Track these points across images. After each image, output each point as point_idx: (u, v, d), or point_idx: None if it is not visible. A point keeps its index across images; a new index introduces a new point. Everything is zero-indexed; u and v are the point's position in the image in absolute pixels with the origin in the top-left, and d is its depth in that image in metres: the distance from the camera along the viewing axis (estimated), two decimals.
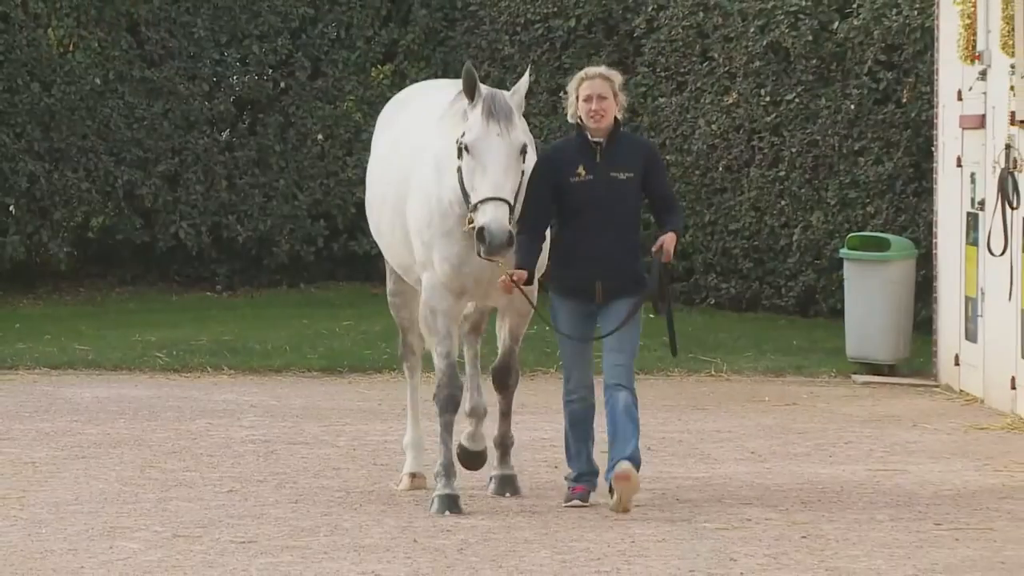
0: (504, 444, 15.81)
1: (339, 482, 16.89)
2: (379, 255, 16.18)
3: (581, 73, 15.17)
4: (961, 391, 22.33)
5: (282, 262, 29.68)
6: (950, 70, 23.18)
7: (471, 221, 14.47)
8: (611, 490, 15.03)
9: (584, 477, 15.30)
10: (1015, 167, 20.30)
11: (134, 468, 17.41)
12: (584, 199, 14.96)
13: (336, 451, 18.48)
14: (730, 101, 27.33)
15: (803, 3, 26.90)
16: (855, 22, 26.74)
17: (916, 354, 23.76)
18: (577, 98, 15.01)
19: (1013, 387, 20.51)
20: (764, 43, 27.15)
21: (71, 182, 28.39)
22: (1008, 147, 20.46)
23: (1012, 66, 20.14)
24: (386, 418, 19.82)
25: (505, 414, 15.79)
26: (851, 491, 16.48)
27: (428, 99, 16.09)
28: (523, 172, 14.79)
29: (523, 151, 14.66)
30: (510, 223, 14.38)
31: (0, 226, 28.22)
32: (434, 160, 15.11)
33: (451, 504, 15.01)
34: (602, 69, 15.24)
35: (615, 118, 15.10)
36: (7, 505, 15.69)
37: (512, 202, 14.51)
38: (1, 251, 28.10)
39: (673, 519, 14.77)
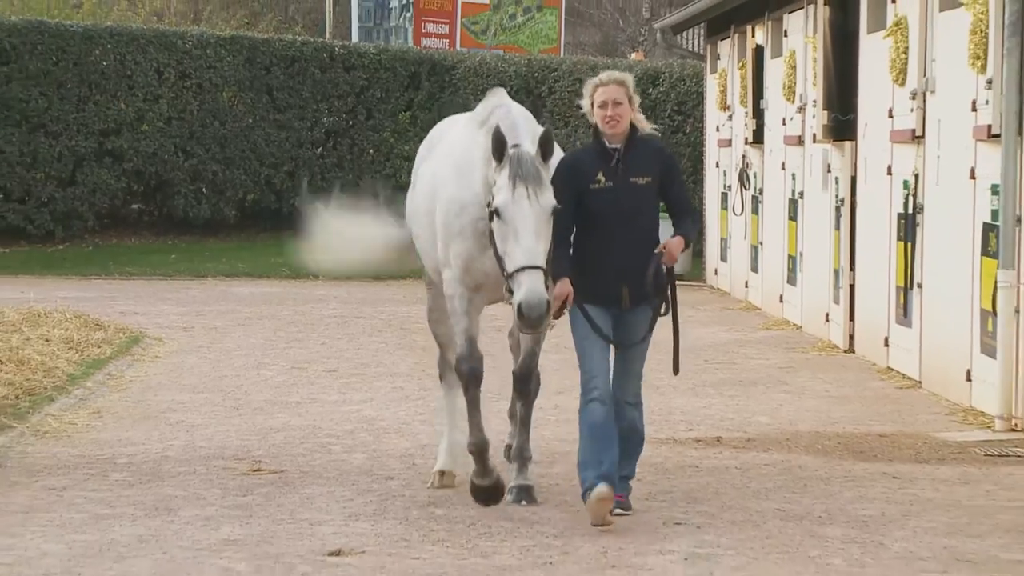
0: (522, 457, 9.13)
1: (381, 338, 16.83)
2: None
3: (595, 79, 8.88)
4: (719, 289, 22.36)
5: None
6: (712, 114, 23.19)
7: (509, 291, 8.48)
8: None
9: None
10: (747, 167, 20.38)
11: (270, 331, 17.36)
12: (605, 206, 8.68)
13: (380, 322, 18.42)
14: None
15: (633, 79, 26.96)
16: (660, 88, 26.72)
17: (695, 268, 23.73)
18: (592, 104, 8.83)
19: (746, 286, 20.56)
20: None
21: (235, 175, 28.25)
22: (744, 157, 20.51)
23: (746, 112, 20.16)
24: (409, 303, 19.68)
25: (524, 423, 9.17)
26: (655, 344, 16.44)
27: (458, 124, 9.72)
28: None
29: (553, 212, 8.53)
30: (546, 288, 8.43)
31: (196, 199, 28.06)
32: (453, 162, 9.21)
33: (489, 496, 8.93)
34: (616, 74, 8.93)
35: (630, 123, 8.87)
36: (201, 351, 15.63)
37: (546, 267, 8.47)
38: (198, 213, 27.97)
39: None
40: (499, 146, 8.58)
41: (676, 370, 9.35)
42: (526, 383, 9.14)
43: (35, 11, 34.24)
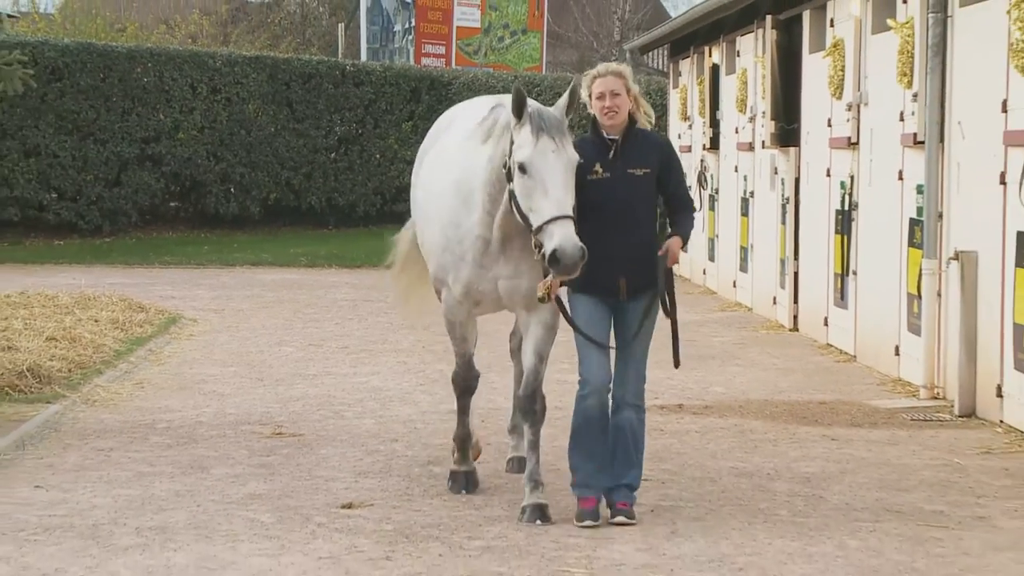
0: (534, 481, 7.52)
1: (387, 319, 16.73)
2: (404, 212, 9.84)
3: (593, 71, 7.59)
4: (680, 276, 22.34)
5: (360, 215, 29.57)
6: (675, 124, 23.16)
7: (538, 246, 6.97)
8: (609, 505, 7.47)
9: (591, 489, 7.43)
10: (704, 170, 20.36)
11: (289, 312, 17.29)
12: (602, 197, 7.32)
13: (386, 304, 18.26)
14: (574, 139, 27.18)
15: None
16: None
17: None
18: (591, 96, 7.52)
19: (704, 273, 20.55)
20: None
21: (259, 177, 28.20)
22: (702, 160, 20.50)
23: (704, 122, 20.15)
24: None
25: (533, 446, 7.59)
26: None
27: (463, 121, 8.16)
28: None
29: (576, 165, 7.23)
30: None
31: (226, 197, 28.00)
32: (455, 187, 7.67)
33: (467, 482, 8.08)
34: (613, 65, 7.60)
35: (629, 114, 7.54)
36: (229, 330, 15.56)
37: (576, 218, 7.02)
38: (227, 210, 27.93)
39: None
40: (519, 103, 7.23)
41: (677, 363, 7.89)
42: (531, 403, 7.64)
43: (85, 34, 34.14)
